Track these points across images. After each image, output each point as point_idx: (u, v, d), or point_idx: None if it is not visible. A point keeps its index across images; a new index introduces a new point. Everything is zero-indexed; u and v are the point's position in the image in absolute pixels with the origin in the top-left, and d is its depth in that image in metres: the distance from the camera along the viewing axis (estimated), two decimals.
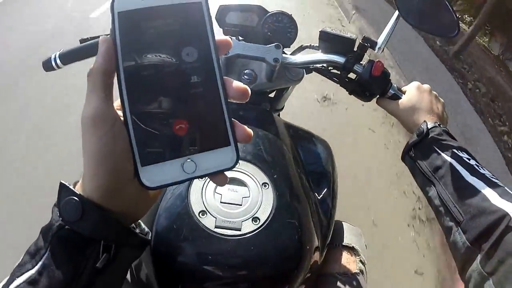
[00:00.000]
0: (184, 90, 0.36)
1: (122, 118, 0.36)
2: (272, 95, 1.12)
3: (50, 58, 0.91)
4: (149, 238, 0.46)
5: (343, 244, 0.99)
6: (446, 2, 0.92)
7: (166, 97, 0.36)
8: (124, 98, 0.35)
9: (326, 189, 0.94)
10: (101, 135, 0.35)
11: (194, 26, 0.37)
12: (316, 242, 0.79)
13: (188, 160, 0.36)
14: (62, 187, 0.39)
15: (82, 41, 0.94)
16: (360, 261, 0.97)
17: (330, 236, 0.91)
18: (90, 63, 0.39)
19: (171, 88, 0.36)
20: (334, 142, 1.11)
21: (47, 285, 0.36)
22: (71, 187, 0.38)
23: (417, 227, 2.54)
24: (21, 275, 0.38)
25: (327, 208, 0.91)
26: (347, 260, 0.96)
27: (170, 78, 0.36)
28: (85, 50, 0.91)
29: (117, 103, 0.39)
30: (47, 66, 0.91)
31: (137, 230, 0.46)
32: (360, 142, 3.15)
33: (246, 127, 0.39)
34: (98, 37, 0.93)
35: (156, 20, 0.36)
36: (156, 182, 0.36)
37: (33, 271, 0.37)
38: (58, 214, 0.38)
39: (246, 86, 0.39)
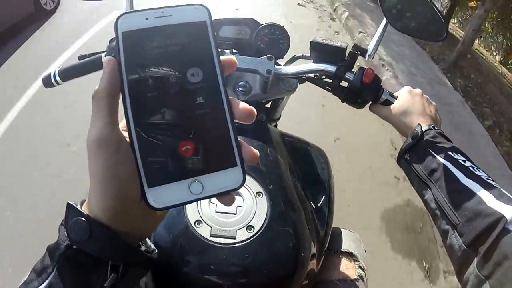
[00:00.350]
0: (190, 111, 0.36)
1: (127, 140, 0.37)
2: (268, 105, 1.14)
3: (50, 74, 0.94)
4: (155, 255, 0.47)
5: (342, 250, 1.00)
6: (434, 6, 0.95)
7: (171, 119, 0.36)
8: (130, 119, 0.35)
9: (322, 197, 0.95)
10: (107, 158, 0.35)
11: (198, 45, 0.37)
12: (313, 249, 0.80)
13: (195, 181, 0.36)
14: (70, 207, 0.39)
15: (80, 57, 0.97)
16: (360, 267, 0.98)
17: (328, 242, 0.92)
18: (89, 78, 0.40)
19: (177, 109, 0.36)
20: None
21: None
22: (78, 207, 0.39)
23: None
24: None
25: (323, 216, 0.92)
26: (346, 267, 0.97)
27: (176, 99, 0.36)
28: (84, 66, 0.94)
29: (122, 124, 0.39)
30: (47, 82, 0.94)
31: (143, 248, 0.46)
32: None
33: (252, 148, 0.39)
34: (97, 53, 0.96)
35: (160, 40, 0.36)
36: (163, 203, 0.35)
37: None
38: (66, 234, 0.38)
39: (252, 108, 0.38)
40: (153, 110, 0.35)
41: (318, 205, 0.93)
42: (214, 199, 0.70)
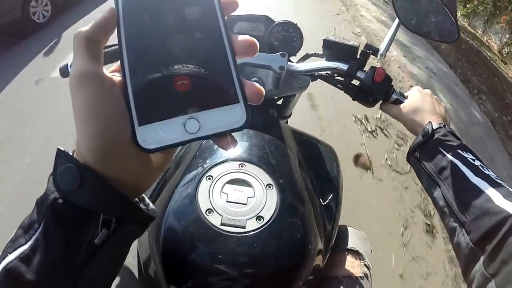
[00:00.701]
0: (187, 45, 0.34)
1: (113, 79, 0.35)
2: (279, 102, 1.16)
3: (67, 64, 0.96)
4: (154, 215, 0.43)
5: (348, 248, 1.01)
6: (446, 8, 0.95)
7: (167, 52, 0.34)
8: (123, 55, 0.34)
9: (331, 194, 0.96)
10: (89, 94, 0.33)
11: None
12: (319, 245, 0.81)
13: (191, 118, 0.33)
14: (59, 153, 0.36)
15: None
16: (365, 265, 0.99)
17: (334, 239, 0.94)
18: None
19: (173, 43, 0.34)
20: None
21: (40, 262, 0.34)
22: (69, 153, 0.36)
23: None
24: (14, 251, 0.35)
25: (331, 212, 0.93)
26: (352, 264, 0.98)
27: (172, 33, 0.34)
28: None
29: (115, 66, 0.38)
30: (64, 72, 0.96)
31: (141, 205, 0.41)
32: None
33: (256, 84, 0.36)
34: (113, 45, 0.98)
35: None
36: (154, 143, 0.33)
37: (25, 247, 0.35)
38: (54, 184, 0.35)
39: (254, 39, 0.36)
40: (148, 45, 0.34)
41: (326, 201, 0.95)
42: (225, 189, 0.72)
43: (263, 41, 1.06)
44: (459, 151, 0.73)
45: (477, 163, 0.71)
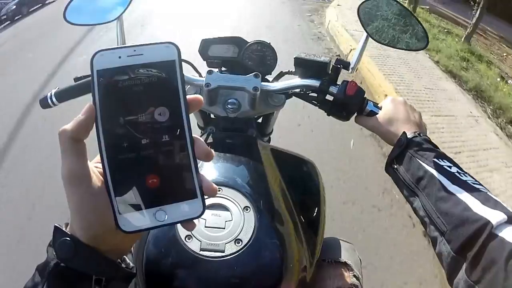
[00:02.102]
0: (157, 148, 0.41)
1: (98, 175, 0.42)
2: (260, 120, 1.19)
3: (46, 96, 0.99)
4: (134, 271, 0.51)
5: (336, 260, 1.03)
6: (414, 16, 0.99)
7: (140, 154, 0.41)
8: (103, 155, 0.40)
9: (314, 208, 0.99)
10: (82, 194, 0.41)
11: (166, 85, 0.41)
12: (303, 261, 0.84)
13: (160, 210, 0.42)
14: (56, 229, 0.43)
15: (76, 79, 1.02)
16: (354, 276, 1.01)
17: (320, 253, 0.96)
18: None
19: (145, 146, 0.41)
20: None
21: None
22: (64, 229, 0.44)
23: None
24: None
25: (315, 227, 0.96)
26: (341, 276, 1.00)
27: (144, 136, 0.41)
28: (79, 88, 0.99)
29: (96, 159, 0.45)
30: (44, 103, 0.99)
31: (123, 265, 0.50)
32: None
33: (212, 183, 0.45)
34: (85, 76, 1.01)
35: (131, 79, 0.40)
36: (132, 227, 0.41)
37: None
38: (54, 253, 0.42)
39: (210, 149, 0.44)
40: (123, 146, 0.40)
41: (310, 217, 0.97)
42: (204, 215, 0.75)
43: (237, 62, 1.09)
44: (435, 159, 0.75)
45: (453, 169, 0.73)
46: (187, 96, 0.42)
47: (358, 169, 3.11)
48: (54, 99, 0.99)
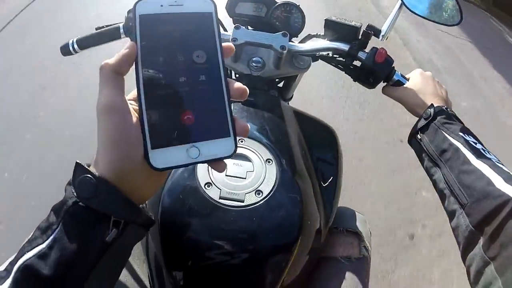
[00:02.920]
0: (193, 86, 0.43)
1: (133, 110, 0.43)
2: (280, 84, 1.18)
3: (68, 43, 0.99)
4: (153, 220, 0.51)
5: (347, 229, 1.04)
6: None
7: (177, 92, 0.42)
8: (141, 90, 0.41)
9: (330, 175, 0.99)
10: (116, 123, 0.40)
11: (204, 32, 0.44)
12: (318, 223, 0.84)
13: (193, 146, 0.43)
14: (78, 166, 0.42)
15: (97, 28, 1.02)
16: (364, 247, 1.02)
17: (332, 220, 0.96)
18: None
19: (182, 84, 0.43)
20: None
21: (57, 259, 0.40)
22: (86, 166, 0.42)
23: None
24: (31, 249, 0.41)
25: (330, 193, 0.96)
26: (351, 245, 1.01)
27: (182, 75, 0.43)
28: (102, 36, 0.99)
29: (131, 95, 0.45)
30: (65, 50, 0.99)
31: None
32: None
33: (245, 122, 0.46)
34: (113, 25, 1.01)
35: (172, 25, 0.43)
36: (162, 164, 0.42)
37: (43, 246, 0.41)
38: (73, 191, 0.41)
39: (245, 87, 0.46)
40: (161, 83, 0.42)
41: (326, 183, 0.97)
42: (226, 164, 0.75)
43: (264, 22, 1.08)
44: (461, 133, 0.75)
45: (478, 146, 0.73)
46: (222, 44, 0.45)
47: None
48: (75, 46, 0.99)
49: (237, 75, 1.16)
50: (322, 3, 4.88)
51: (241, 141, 0.78)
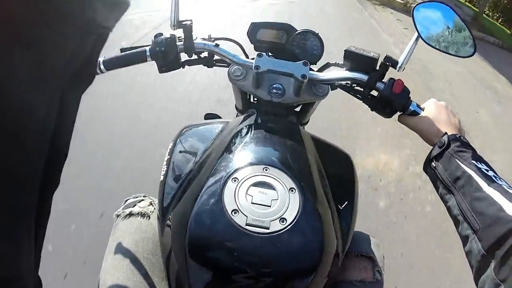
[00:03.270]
0: None
1: None
2: (298, 109, 1.22)
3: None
4: None
5: (362, 253, 1.06)
6: (465, 24, 1.01)
7: None
8: None
9: (346, 200, 1.02)
10: None
11: None
12: (336, 248, 0.87)
13: None
14: None
15: (122, 50, 1.06)
16: (378, 271, 1.04)
17: (349, 244, 0.99)
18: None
19: None
20: None
21: None
22: None
23: None
24: None
25: (346, 218, 0.99)
26: (365, 269, 1.03)
27: None
28: (127, 59, 1.03)
29: None
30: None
31: None
32: None
33: None
34: (139, 47, 1.05)
35: None
36: None
37: None
38: None
39: None
40: None
41: (342, 207, 1.00)
42: (250, 191, 0.78)
43: (284, 49, 1.12)
44: (474, 161, 0.78)
45: (490, 173, 0.76)
46: None
47: None
48: (102, 67, 1.03)
49: (255, 100, 1.19)
50: None
51: (266, 170, 0.81)
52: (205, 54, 1.10)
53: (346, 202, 1.00)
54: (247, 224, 0.74)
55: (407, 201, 2.87)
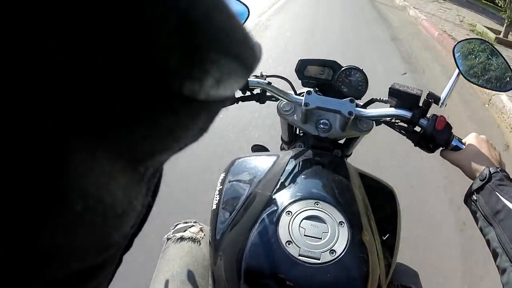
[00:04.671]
0: None
1: None
2: (341, 141, 1.29)
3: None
4: None
5: (402, 284, 1.12)
6: (505, 60, 1.08)
7: None
8: None
9: (389, 233, 1.08)
10: None
11: None
12: (380, 279, 0.93)
13: None
14: None
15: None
16: None
17: (391, 275, 1.05)
18: None
19: None
20: None
21: None
22: None
23: None
24: None
25: (390, 250, 1.05)
26: None
27: None
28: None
29: None
30: None
31: None
32: None
33: None
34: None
35: None
36: None
37: None
38: None
39: None
40: None
41: (385, 239, 1.06)
42: (303, 224, 0.86)
43: (330, 85, 1.20)
44: None
45: None
46: None
47: None
48: None
49: (301, 132, 1.28)
50: None
51: (317, 204, 0.89)
52: (257, 90, 1.19)
53: (389, 235, 1.06)
54: (299, 255, 0.81)
55: None
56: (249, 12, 1.07)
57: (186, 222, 1.27)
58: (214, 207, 1.04)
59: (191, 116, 0.20)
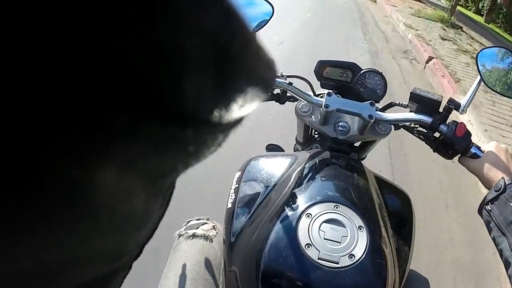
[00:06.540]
0: None
1: None
2: (357, 144, 1.31)
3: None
4: None
5: None
6: None
7: None
8: None
9: (404, 238, 1.10)
10: None
11: None
12: (394, 285, 0.95)
13: None
14: None
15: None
16: None
17: (404, 282, 1.07)
18: None
19: None
20: None
21: None
22: None
23: None
24: None
25: (403, 256, 1.07)
26: None
27: None
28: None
29: None
30: None
31: None
32: None
33: None
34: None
35: None
36: None
37: None
38: None
39: None
40: None
41: (400, 245, 1.08)
42: (323, 227, 0.88)
43: (349, 87, 1.22)
44: None
45: None
46: None
47: None
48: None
49: (317, 133, 1.29)
50: None
51: (337, 207, 0.91)
52: (277, 91, 1.21)
53: (403, 241, 1.08)
54: (319, 258, 0.83)
55: None
56: (273, 10, 1.08)
57: (199, 219, 1.29)
58: (230, 206, 1.06)
59: (213, 138, 0.21)
